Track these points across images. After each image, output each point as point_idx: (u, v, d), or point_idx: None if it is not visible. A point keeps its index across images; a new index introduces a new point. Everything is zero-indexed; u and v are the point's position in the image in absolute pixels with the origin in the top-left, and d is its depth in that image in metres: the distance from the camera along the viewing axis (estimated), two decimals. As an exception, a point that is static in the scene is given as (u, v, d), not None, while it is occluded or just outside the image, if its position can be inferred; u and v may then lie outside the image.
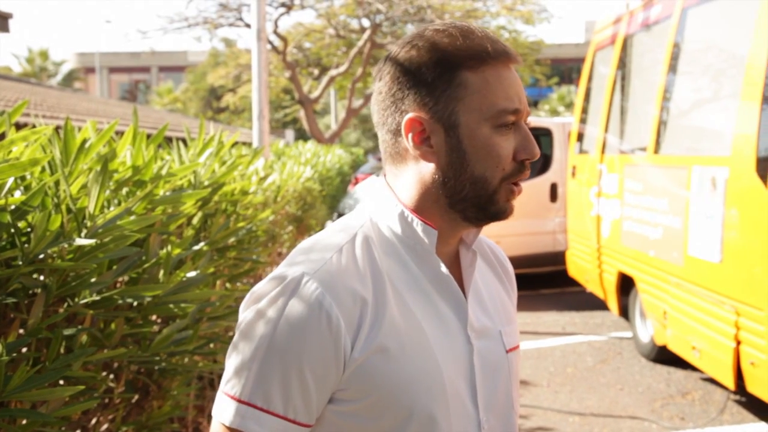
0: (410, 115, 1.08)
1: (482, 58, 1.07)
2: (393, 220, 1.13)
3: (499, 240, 8.97)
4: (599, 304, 7.60)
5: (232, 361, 1.06)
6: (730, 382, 4.39)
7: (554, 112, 34.21)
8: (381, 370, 1.04)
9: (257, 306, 1.05)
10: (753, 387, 4.26)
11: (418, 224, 1.11)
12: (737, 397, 5.17)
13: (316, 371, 1.02)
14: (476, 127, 1.07)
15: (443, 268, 1.12)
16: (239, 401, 1.03)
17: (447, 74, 1.07)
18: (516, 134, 1.09)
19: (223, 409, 1.04)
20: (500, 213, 1.12)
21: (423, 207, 1.12)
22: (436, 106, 1.07)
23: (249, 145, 8.31)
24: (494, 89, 1.07)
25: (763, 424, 4.74)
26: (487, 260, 1.31)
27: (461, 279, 1.17)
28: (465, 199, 1.09)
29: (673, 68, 5.48)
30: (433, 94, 1.07)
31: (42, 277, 1.69)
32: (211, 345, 2.38)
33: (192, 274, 2.18)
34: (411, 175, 1.12)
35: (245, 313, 1.07)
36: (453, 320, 1.13)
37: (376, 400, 1.05)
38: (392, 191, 1.15)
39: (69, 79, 41.39)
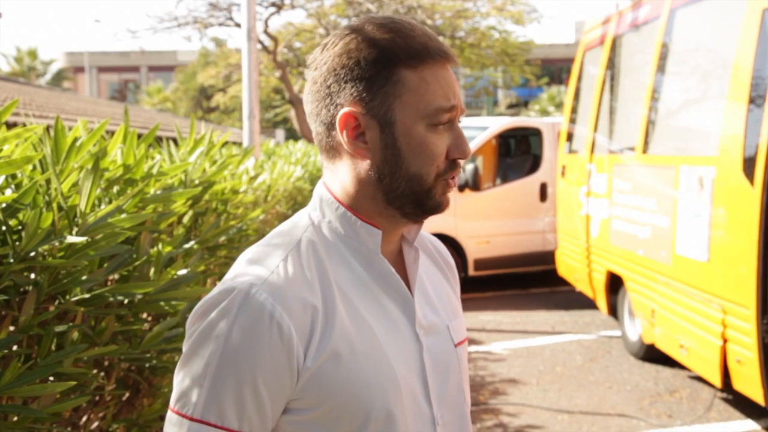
0: (345, 109, 1.07)
1: (421, 57, 1.06)
2: (335, 223, 1.12)
3: (489, 240, 9.02)
4: (588, 303, 7.64)
5: (181, 378, 1.04)
6: (717, 380, 4.43)
7: (544, 112, 34.28)
8: (335, 376, 1.03)
9: (206, 320, 1.02)
10: (739, 385, 4.30)
11: (361, 225, 1.11)
12: (724, 395, 5.21)
13: (270, 383, 1.01)
14: (412, 125, 1.06)
15: (389, 268, 1.12)
16: (191, 419, 1.01)
17: (385, 71, 1.05)
18: (449, 133, 1.09)
19: (175, 428, 1.02)
20: (437, 206, 1.11)
21: (361, 204, 1.11)
22: (372, 102, 1.06)
23: (239, 144, 8.31)
24: (432, 88, 1.06)
25: (749, 421, 4.79)
26: (430, 255, 1.31)
27: (406, 276, 1.17)
28: (402, 195, 1.09)
29: (661, 69, 5.52)
30: (370, 90, 1.06)
31: (33, 275, 1.69)
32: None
33: (183, 272, 2.18)
34: (346, 170, 1.11)
35: (193, 327, 1.05)
36: (401, 319, 1.13)
37: (331, 406, 1.04)
38: (330, 192, 1.13)
39: (58, 78, 41.17)
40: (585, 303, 7.87)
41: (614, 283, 6.45)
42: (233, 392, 1.00)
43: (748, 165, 4.06)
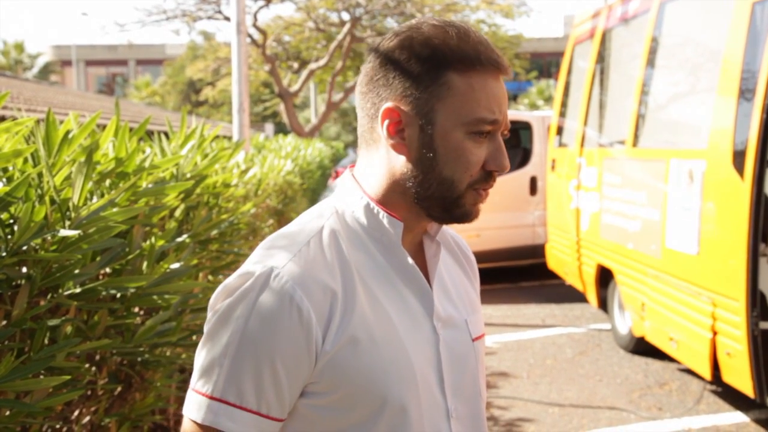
0: (389, 104, 1.08)
1: (471, 63, 1.06)
2: (359, 212, 1.13)
3: (479, 233, 9.02)
4: (578, 297, 7.66)
5: (202, 358, 1.05)
6: (706, 373, 4.46)
7: (533, 106, 34.34)
8: (352, 361, 1.04)
9: (227, 302, 1.04)
10: (729, 377, 4.33)
11: (383, 216, 1.12)
12: (713, 388, 5.24)
13: (289, 365, 1.02)
14: (451, 129, 1.07)
15: (409, 260, 1.13)
16: (211, 398, 1.02)
17: (434, 71, 1.06)
18: (490, 144, 1.09)
19: (195, 406, 1.04)
20: (465, 216, 1.12)
21: (390, 197, 1.12)
22: (416, 101, 1.07)
23: (229, 138, 8.28)
24: (477, 96, 1.06)
25: (738, 413, 4.82)
26: (450, 250, 1.31)
27: (426, 269, 1.18)
28: (431, 197, 1.10)
29: (651, 62, 5.54)
30: (416, 88, 1.07)
31: (26, 269, 1.68)
32: (194, 337, 2.38)
33: (175, 266, 2.18)
34: (382, 163, 1.12)
35: (214, 309, 1.06)
36: (419, 310, 1.14)
37: (348, 392, 1.05)
38: (358, 183, 1.15)
39: (45, 72, 40.87)
40: (575, 296, 7.90)
41: (604, 277, 6.47)
42: (252, 373, 1.01)
43: (738, 158, 4.08)
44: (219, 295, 1.06)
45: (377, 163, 1.13)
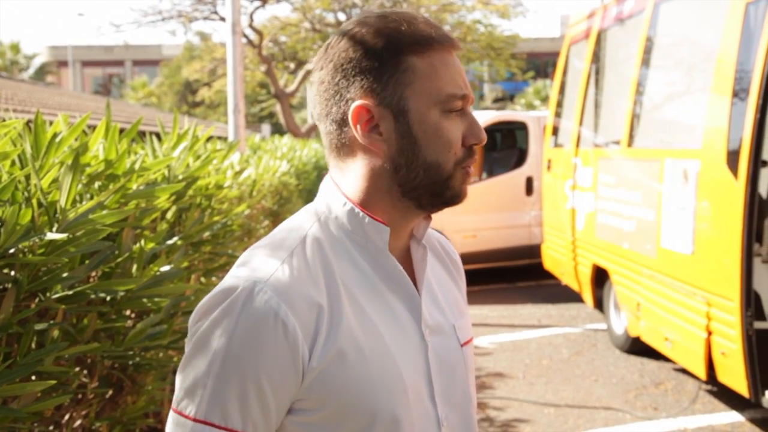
0: (357, 102, 1.05)
1: (428, 43, 1.05)
2: (342, 219, 1.10)
3: (476, 234, 9.03)
4: (574, 297, 7.66)
5: (184, 378, 1.01)
6: (701, 373, 4.46)
7: (530, 106, 34.34)
8: (340, 376, 1.01)
9: (209, 319, 1.00)
10: (724, 377, 4.33)
11: (369, 221, 1.08)
12: (709, 387, 5.24)
13: (275, 383, 0.99)
14: (426, 111, 1.05)
15: (397, 265, 1.10)
16: (195, 420, 0.98)
17: (393, 59, 1.04)
18: (463, 120, 1.08)
19: (179, 429, 1.00)
20: (456, 196, 1.09)
21: (373, 200, 1.09)
22: (383, 92, 1.04)
23: (225, 139, 8.27)
24: (441, 74, 1.05)
25: (733, 413, 4.82)
26: (436, 254, 1.29)
27: (413, 274, 1.15)
28: (419, 186, 1.07)
29: (645, 62, 5.54)
30: (380, 80, 1.04)
31: (13, 272, 1.67)
32: (186, 339, 2.37)
33: (166, 268, 2.16)
34: (360, 166, 1.09)
35: (196, 326, 1.02)
36: (407, 318, 1.11)
37: (337, 407, 1.02)
38: (338, 188, 1.11)
39: (41, 72, 40.84)
40: (571, 296, 7.90)
41: (600, 277, 6.47)
42: (237, 392, 0.98)
43: (732, 158, 4.08)
44: (200, 311, 1.03)
45: (354, 167, 1.09)
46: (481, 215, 9.09)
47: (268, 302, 0.98)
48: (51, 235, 1.61)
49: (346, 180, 1.11)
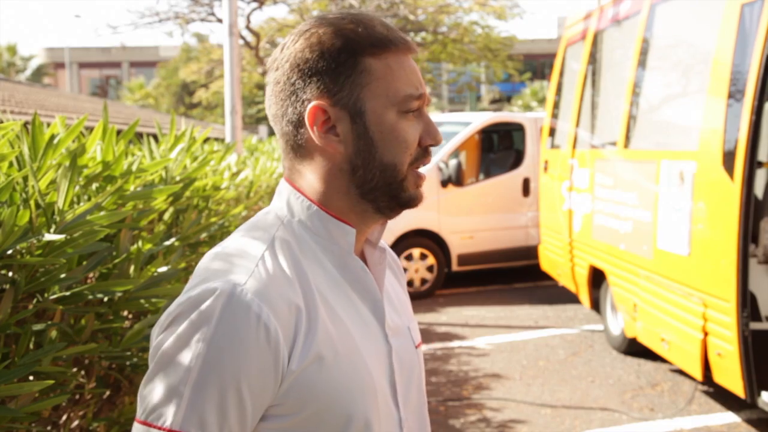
0: (313, 103, 1.04)
1: (384, 45, 1.05)
2: (306, 221, 1.09)
3: (473, 235, 9.03)
4: (571, 298, 7.67)
5: (155, 388, 0.95)
6: (697, 373, 4.47)
7: (527, 108, 34.35)
8: (318, 379, 0.99)
9: (183, 324, 0.95)
10: (720, 378, 4.34)
11: (335, 224, 1.08)
12: (705, 388, 5.26)
13: (254, 389, 0.96)
14: (382, 113, 1.05)
15: (364, 267, 1.10)
16: (170, 431, 0.93)
17: (351, 61, 1.04)
18: (419, 120, 1.08)
19: None
20: (411, 200, 1.09)
21: (332, 202, 1.08)
22: (340, 93, 1.04)
23: (222, 140, 8.27)
24: (398, 75, 1.05)
25: (729, 413, 4.83)
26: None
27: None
28: (375, 188, 1.07)
29: (642, 64, 5.55)
30: (336, 81, 1.04)
31: (11, 273, 1.68)
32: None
33: (163, 269, 2.17)
34: (317, 168, 1.08)
35: (164, 334, 0.97)
36: (371, 320, 1.11)
37: (313, 412, 1.00)
38: (299, 191, 1.10)
39: (38, 74, 40.76)
40: (568, 297, 7.91)
41: (597, 278, 6.49)
42: (216, 400, 0.94)
43: (728, 160, 4.09)
44: (171, 315, 0.98)
45: (313, 169, 1.08)
46: (478, 216, 9.11)
47: (250, 304, 0.95)
48: (49, 236, 1.61)
49: (305, 182, 1.10)
